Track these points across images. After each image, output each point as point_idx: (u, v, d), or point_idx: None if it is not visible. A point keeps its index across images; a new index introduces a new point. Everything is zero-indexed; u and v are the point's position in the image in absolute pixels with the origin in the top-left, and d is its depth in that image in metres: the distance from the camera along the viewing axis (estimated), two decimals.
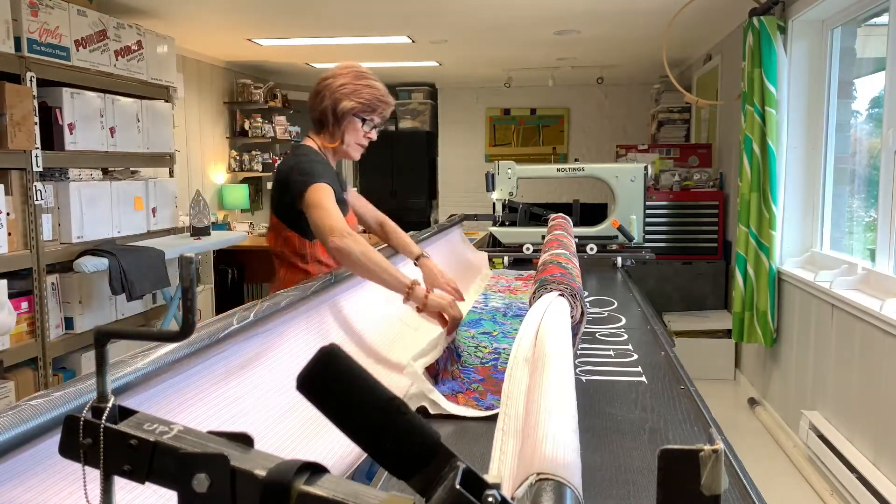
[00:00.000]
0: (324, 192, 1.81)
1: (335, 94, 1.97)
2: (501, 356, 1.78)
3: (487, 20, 4.50)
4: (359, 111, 1.98)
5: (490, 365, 1.73)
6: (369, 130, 2.03)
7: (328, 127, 2.01)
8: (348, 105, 1.96)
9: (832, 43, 3.55)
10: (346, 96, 1.97)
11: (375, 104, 1.99)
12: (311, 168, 1.88)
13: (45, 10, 3.14)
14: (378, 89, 2.00)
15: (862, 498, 2.62)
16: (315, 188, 1.81)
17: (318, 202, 1.79)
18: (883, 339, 2.61)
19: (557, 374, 0.94)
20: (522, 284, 2.80)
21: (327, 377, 0.51)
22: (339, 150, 2.04)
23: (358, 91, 1.97)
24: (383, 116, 2.04)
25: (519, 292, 2.65)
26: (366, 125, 2.01)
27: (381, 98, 2.01)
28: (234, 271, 5.62)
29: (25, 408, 0.77)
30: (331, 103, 1.98)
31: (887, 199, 2.85)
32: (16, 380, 3.01)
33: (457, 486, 0.47)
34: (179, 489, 0.51)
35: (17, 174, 3.05)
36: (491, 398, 1.50)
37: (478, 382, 1.60)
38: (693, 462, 0.49)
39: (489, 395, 1.52)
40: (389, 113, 2.06)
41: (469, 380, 1.61)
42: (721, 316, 4.77)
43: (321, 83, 2.01)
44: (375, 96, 1.99)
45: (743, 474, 1.10)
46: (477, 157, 7.93)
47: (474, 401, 1.49)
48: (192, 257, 0.57)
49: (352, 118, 1.98)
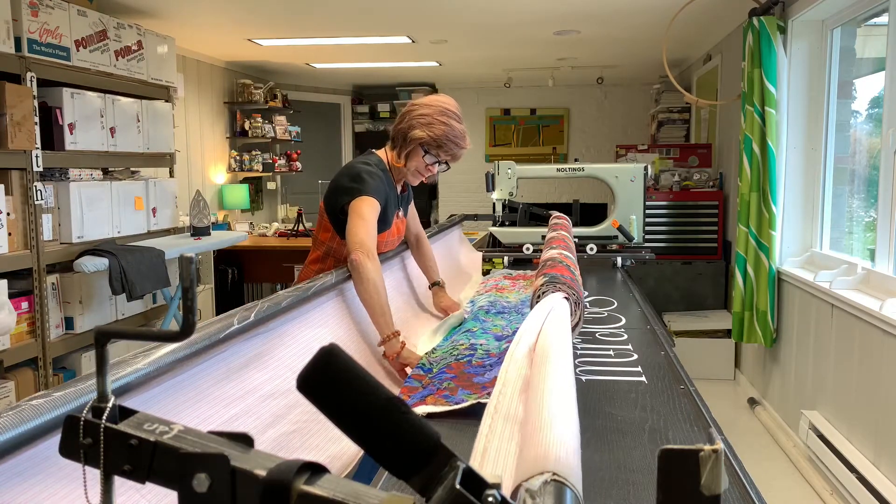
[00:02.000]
0: (368, 206, 1.93)
1: (413, 121, 2.07)
2: (478, 351, 1.79)
3: (487, 20, 4.51)
4: (425, 142, 2.05)
5: (465, 360, 1.72)
6: (431, 164, 2.10)
7: (398, 147, 2.11)
8: (418, 134, 2.05)
9: (832, 43, 3.55)
10: (420, 126, 2.05)
11: (443, 141, 2.05)
12: (367, 178, 1.99)
13: (46, 10, 3.14)
14: (454, 129, 2.06)
15: (862, 498, 2.62)
16: (362, 200, 1.94)
17: (360, 213, 1.91)
18: (883, 339, 2.61)
19: (558, 374, 0.94)
20: (510, 284, 2.78)
21: (327, 377, 0.51)
22: (401, 171, 2.14)
23: (433, 125, 2.05)
24: (450, 156, 2.10)
25: (506, 291, 2.63)
26: (428, 157, 2.08)
27: (452, 138, 2.06)
28: (234, 271, 5.62)
29: (26, 408, 0.77)
30: (406, 127, 2.08)
31: (887, 199, 2.85)
32: (16, 380, 3.01)
33: (457, 485, 0.47)
34: (179, 489, 0.52)
35: (18, 174, 3.05)
36: (462, 393, 1.49)
37: (449, 380, 1.60)
38: (693, 462, 0.49)
39: (460, 391, 1.51)
40: (459, 155, 2.12)
41: (440, 379, 1.61)
42: (721, 316, 4.77)
43: (409, 106, 2.12)
44: (447, 134, 2.05)
45: (743, 474, 1.10)
46: (477, 157, 7.94)
47: (444, 398, 1.48)
48: (192, 257, 0.57)
49: (417, 147, 2.07)
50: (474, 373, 1.64)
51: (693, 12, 4.11)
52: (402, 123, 2.09)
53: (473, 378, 1.60)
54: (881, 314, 2.58)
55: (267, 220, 6.90)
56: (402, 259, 2.41)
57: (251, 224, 6.19)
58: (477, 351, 1.80)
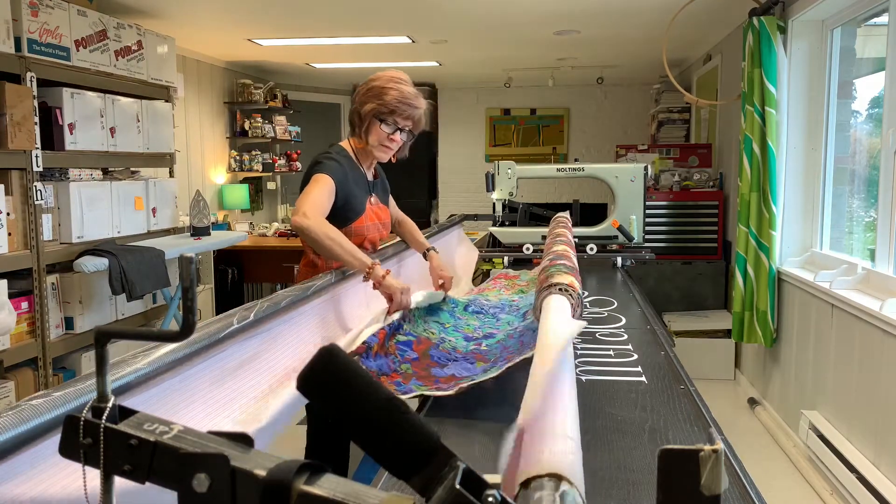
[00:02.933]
0: (318, 181, 1.92)
1: (363, 97, 2.05)
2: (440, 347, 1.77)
3: (487, 20, 4.50)
4: (378, 112, 2.02)
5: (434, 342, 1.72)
6: (392, 133, 2.06)
7: (355, 128, 2.10)
8: (370, 106, 2.02)
9: (832, 43, 3.55)
10: (370, 98, 2.03)
11: (395, 105, 2.01)
12: (322, 161, 2.00)
13: (45, 10, 3.14)
14: (403, 92, 2.03)
15: (862, 498, 2.62)
16: (315, 178, 1.94)
17: (307, 188, 1.91)
18: (883, 339, 2.61)
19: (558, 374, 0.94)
20: (492, 284, 2.75)
21: (327, 377, 0.51)
22: (367, 151, 2.12)
23: (382, 94, 2.02)
24: (407, 119, 2.05)
25: (486, 290, 2.61)
26: (385, 126, 2.04)
27: (404, 100, 2.02)
28: (234, 271, 5.62)
29: (26, 408, 0.77)
30: (358, 105, 2.06)
31: (887, 199, 2.85)
32: (16, 380, 3.01)
33: (457, 485, 0.47)
34: (179, 489, 0.52)
35: (18, 174, 3.05)
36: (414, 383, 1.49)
37: (409, 363, 1.59)
38: (693, 462, 0.49)
39: (413, 381, 1.50)
40: (416, 116, 2.08)
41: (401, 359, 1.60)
42: (721, 316, 4.77)
43: (359, 86, 2.09)
44: (397, 98, 2.01)
45: (743, 474, 1.10)
46: (477, 157, 7.93)
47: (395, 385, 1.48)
48: (192, 257, 0.57)
49: (372, 119, 2.04)
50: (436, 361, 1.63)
51: (693, 12, 4.10)
52: (354, 104, 2.09)
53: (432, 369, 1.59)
54: (881, 314, 2.58)
55: (267, 220, 6.90)
56: (400, 259, 2.42)
57: (251, 224, 6.19)
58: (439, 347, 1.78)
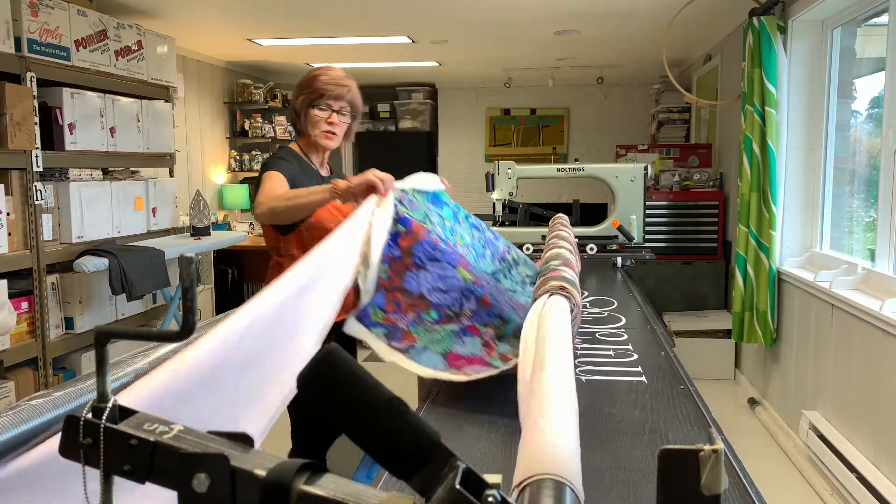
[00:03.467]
0: (267, 177, 1.97)
1: (295, 95, 2.14)
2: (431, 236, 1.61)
3: (487, 20, 4.50)
4: (308, 101, 2.08)
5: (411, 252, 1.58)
6: (329, 115, 2.09)
7: (298, 127, 2.16)
8: (301, 99, 2.09)
9: (832, 43, 3.55)
10: (300, 92, 2.10)
11: (322, 88, 2.07)
12: (269, 161, 2.06)
13: (45, 10, 3.14)
14: (329, 75, 2.09)
15: (862, 498, 2.62)
16: (264, 176, 1.99)
17: (261, 188, 1.96)
18: (883, 339, 2.61)
19: (558, 374, 0.94)
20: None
21: (327, 377, 0.51)
22: (313, 145, 2.15)
23: (309, 83, 2.09)
24: (338, 98, 2.08)
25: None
26: (320, 110, 2.09)
27: (328, 82, 2.07)
28: (234, 271, 5.63)
29: (26, 408, 0.77)
30: (293, 105, 2.15)
31: (887, 199, 2.85)
32: (16, 380, 3.01)
33: (457, 485, 0.47)
34: (179, 489, 0.51)
35: (18, 174, 3.05)
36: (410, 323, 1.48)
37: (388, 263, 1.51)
38: (693, 462, 0.49)
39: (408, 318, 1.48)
40: (347, 96, 2.11)
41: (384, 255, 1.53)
42: (721, 316, 4.77)
43: None
44: (324, 81, 2.07)
45: (743, 474, 1.10)
46: (477, 157, 7.93)
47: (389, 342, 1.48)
48: (192, 257, 0.57)
49: (306, 109, 2.09)
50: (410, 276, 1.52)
51: (693, 12, 4.10)
52: (291, 107, 2.17)
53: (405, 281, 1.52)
54: (881, 314, 2.58)
55: None
56: None
57: (251, 224, 6.18)
58: (433, 234, 1.61)
